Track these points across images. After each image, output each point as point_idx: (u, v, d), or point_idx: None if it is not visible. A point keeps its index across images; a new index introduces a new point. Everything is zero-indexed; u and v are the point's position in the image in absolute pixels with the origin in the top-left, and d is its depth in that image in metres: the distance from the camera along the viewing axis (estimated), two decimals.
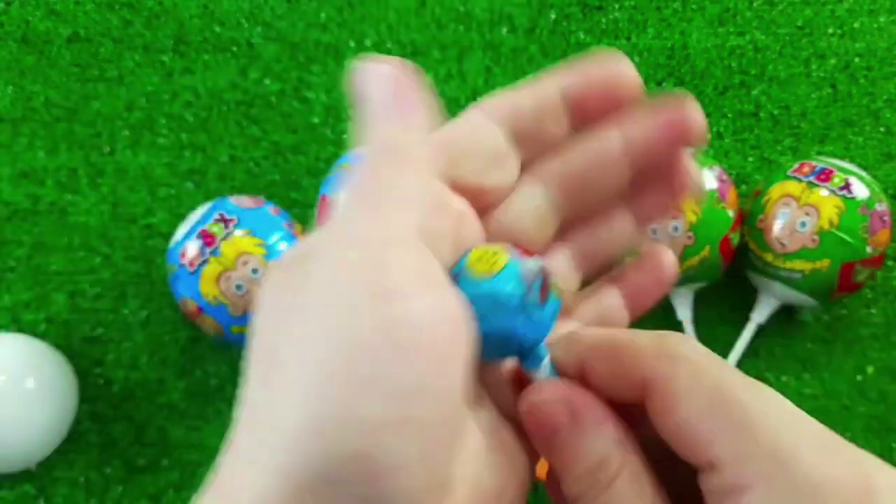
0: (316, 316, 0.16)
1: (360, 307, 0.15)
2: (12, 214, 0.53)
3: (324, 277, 0.16)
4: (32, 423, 0.45)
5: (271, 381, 0.16)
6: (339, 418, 0.15)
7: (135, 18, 0.58)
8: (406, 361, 0.15)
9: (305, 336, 0.15)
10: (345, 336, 0.15)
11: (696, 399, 0.17)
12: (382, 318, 0.15)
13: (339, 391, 0.15)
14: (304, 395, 0.15)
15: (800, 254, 0.46)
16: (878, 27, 0.59)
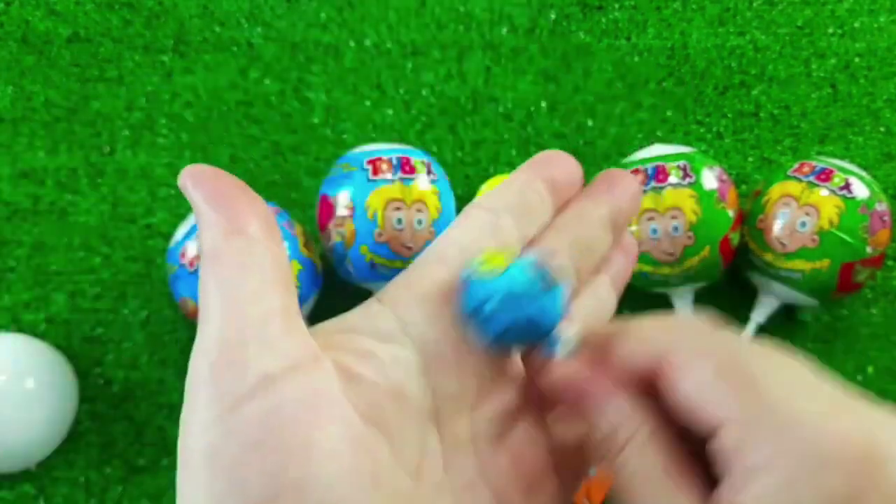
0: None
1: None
2: (12, 214, 0.53)
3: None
4: (32, 422, 0.45)
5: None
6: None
7: (135, 18, 0.58)
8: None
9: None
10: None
11: (704, 367, 0.18)
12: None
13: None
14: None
15: (800, 254, 0.46)
16: (878, 27, 0.59)
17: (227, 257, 0.18)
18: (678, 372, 0.18)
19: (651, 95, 0.57)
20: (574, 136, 0.56)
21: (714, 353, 0.18)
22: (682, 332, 0.19)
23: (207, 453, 0.16)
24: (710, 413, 0.17)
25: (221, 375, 0.17)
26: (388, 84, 0.57)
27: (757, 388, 0.17)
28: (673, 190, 0.45)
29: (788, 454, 0.16)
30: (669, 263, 0.46)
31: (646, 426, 0.19)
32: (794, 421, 0.16)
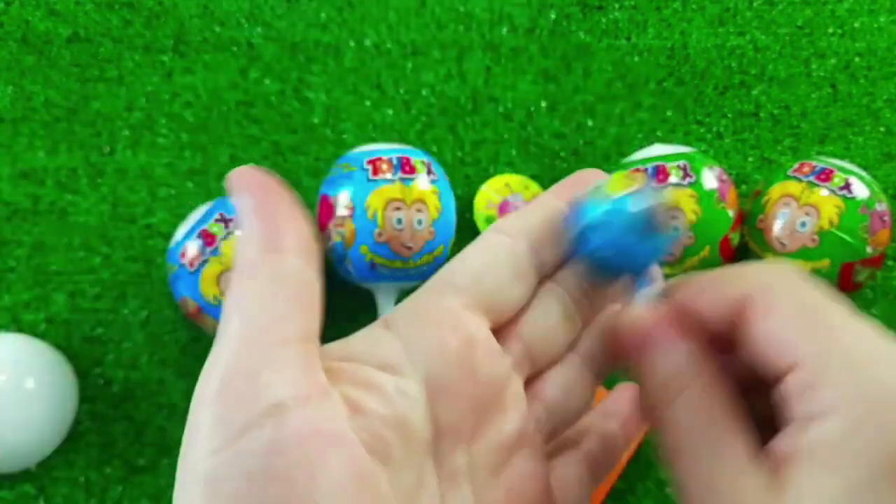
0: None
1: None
2: (12, 214, 0.53)
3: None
4: (32, 423, 0.45)
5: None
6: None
7: (135, 18, 0.58)
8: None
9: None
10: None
11: (787, 308, 0.18)
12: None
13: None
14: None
15: (800, 254, 0.46)
16: (878, 27, 0.59)
17: (261, 274, 0.18)
18: (761, 311, 0.18)
19: (651, 95, 0.57)
20: (574, 136, 0.56)
21: (797, 296, 0.18)
22: (768, 275, 0.19)
23: (208, 479, 0.16)
24: (785, 352, 0.18)
25: (231, 398, 0.17)
26: (388, 84, 0.57)
27: (834, 332, 0.17)
28: (673, 190, 0.45)
29: (857, 398, 0.16)
30: (669, 263, 0.46)
31: (701, 378, 0.19)
32: (867, 364, 0.17)
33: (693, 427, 0.19)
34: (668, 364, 0.19)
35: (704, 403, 0.19)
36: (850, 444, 0.16)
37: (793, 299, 0.18)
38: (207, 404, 0.17)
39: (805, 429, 0.17)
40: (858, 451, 0.16)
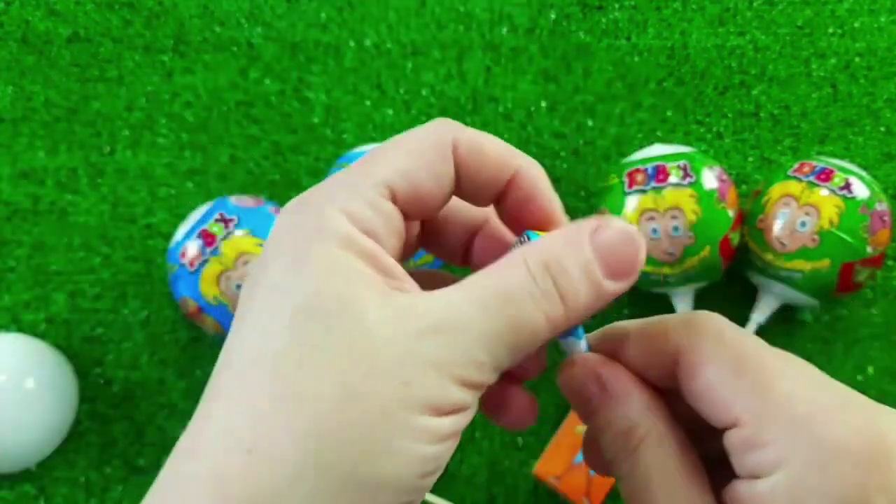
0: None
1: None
2: (12, 214, 0.53)
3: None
4: (32, 423, 0.45)
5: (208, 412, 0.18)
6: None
7: (135, 18, 0.58)
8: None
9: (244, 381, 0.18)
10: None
11: (720, 363, 0.18)
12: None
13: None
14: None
15: (800, 253, 0.46)
16: (878, 27, 0.59)
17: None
18: (692, 368, 0.19)
19: (651, 95, 0.57)
20: (574, 136, 0.56)
21: (730, 350, 0.19)
22: (699, 329, 0.20)
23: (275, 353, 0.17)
24: (723, 409, 0.18)
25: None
26: (388, 84, 0.57)
27: (771, 385, 0.18)
28: (673, 190, 0.45)
29: (801, 449, 0.17)
30: (670, 263, 0.46)
31: (660, 424, 0.20)
32: (806, 416, 0.17)
33: (653, 477, 0.19)
34: (627, 414, 0.20)
35: (662, 452, 0.19)
36: (800, 490, 0.17)
37: (723, 354, 0.19)
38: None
39: (752, 484, 0.17)
40: (803, 499, 0.17)
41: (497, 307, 0.18)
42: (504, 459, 0.49)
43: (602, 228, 0.19)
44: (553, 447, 0.46)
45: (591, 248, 0.19)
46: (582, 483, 0.45)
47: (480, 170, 0.20)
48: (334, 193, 0.19)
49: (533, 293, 0.18)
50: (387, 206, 0.19)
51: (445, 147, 0.20)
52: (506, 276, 0.18)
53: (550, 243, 0.19)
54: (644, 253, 0.19)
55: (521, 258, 0.18)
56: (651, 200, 0.46)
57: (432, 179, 0.20)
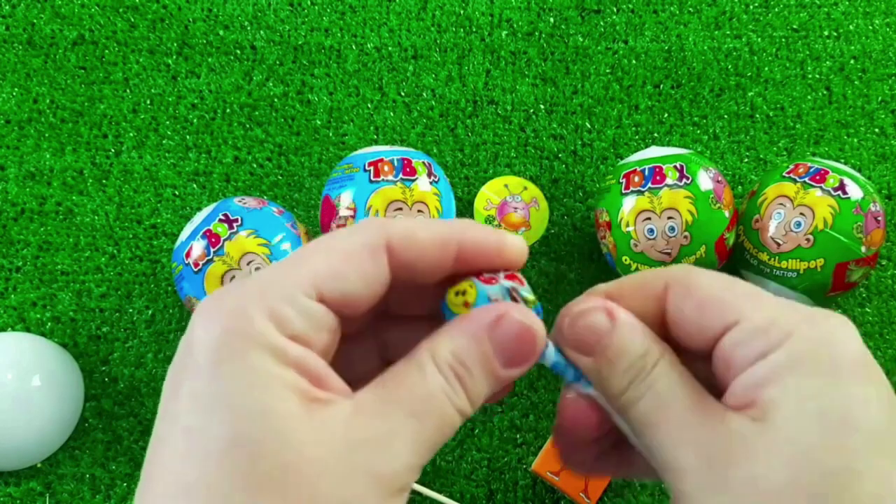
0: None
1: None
2: (19, 215, 0.54)
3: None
4: (39, 420, 0.46)
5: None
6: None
7: (140, 22, 0.59)
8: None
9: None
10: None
11: (712, 278, 0.21)
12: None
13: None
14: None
15: (795, 253, 0.46)
16: (872, 29, 0.60)
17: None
18: (691, 285, 0.21)
19: (648, 98, 0.58)
20: (572, 138, 0.57)
21: (710, 275, 0.21)
22: (681, 267, 0.22)
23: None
24: (726, 311, 0.20)
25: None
26: (389, 87, 0.58)
27: (760, 292, 0.20)
28: (669, 191, 0.46)
29: (804, 325, 0.19)
30: (666, 263, 0.47)
31: (669, 353, 0.21)
32: (800, 309, 0.19)
33: (674, 394, 0.20)
34: (641, 339, 0.21)
35: (678, 373, 0.21)
36: (816, 355, 0.18)
37: (711, 274, 0.21)
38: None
39: (757, 366, 0.19)
40: (822, 358, 0.18)
41: (423, 414, 0.19)
42: (503, 455, 0.49)
43: (501, 322, 0.20)
44: (551, 443, 0.47)
45: (490, 345, 0.20)
46: (580, 479, 0.46)
47: (421, 259, 0.20)
48: (258, 296, 0.18)
49: (449, 395, 0.19)
50: (313, 307, 0.19)
51: (377, 248, 0.20)
52: (425, 381, 0.19)
53: (454, 341, 0.20)
54: (542, 342, 0.20)
55: (432, 361, 0.19)
56: (648, 201, 0.46)
57: (361, 281, 0.20)
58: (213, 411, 0.17)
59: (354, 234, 0.20)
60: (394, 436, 0.18)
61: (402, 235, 0.20)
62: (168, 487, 0.17)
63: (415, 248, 0.20)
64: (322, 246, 0.20)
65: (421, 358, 0.19)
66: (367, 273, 0.20)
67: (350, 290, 0.19)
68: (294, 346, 0.18)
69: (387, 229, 0.20)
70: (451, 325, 0.20)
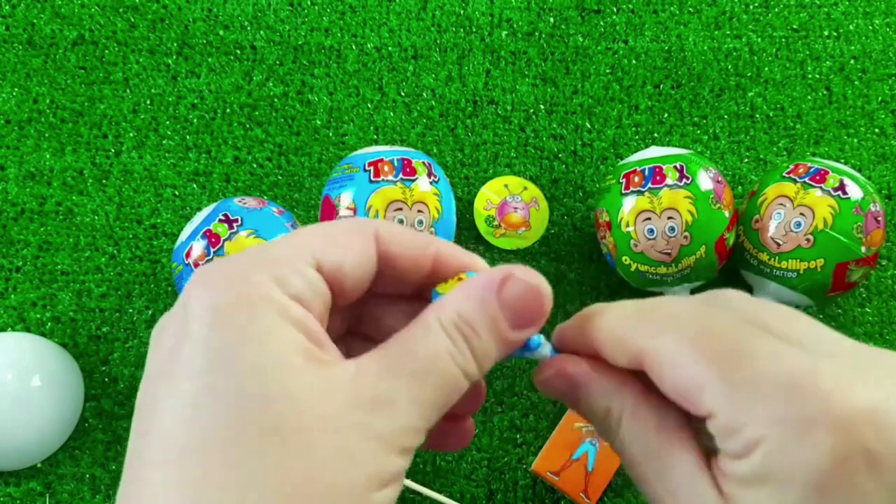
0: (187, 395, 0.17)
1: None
2: (19, 215, 0.54)
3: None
4: (39, 420, 0.46)
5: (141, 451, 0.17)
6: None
7: (140, 22, 0.59)
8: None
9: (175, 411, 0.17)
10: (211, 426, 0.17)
11: (682, 360, 0.19)
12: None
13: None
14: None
15: (795, 254, 0.46)
16: (872, 29, 0.60)
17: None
18: (660, 371, 0.19)
19: (648, 98, 0.58)
20: (572, 138, 0.57)
21: (690, 342, 0.19)
22: (657, 325, 0.20)
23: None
24: (697, 405, 0.19)
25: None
26: (389, 87, 0.58)
27: (736, 369, 0.18)
28: (669, 191, 0.46)
29: (774, 426, 0.17)
30: (666, 263, 0.47)
31: (632, 398, 0.21)
32: (775, 392, 0.17)
33: (635, 448, 0.20)
34: (599, 398, 0.21)
35: (638, 425, 0.20)
36: (781, 465, 0.17)
37: (683, 350, 0.19)
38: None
39: (736, 465, 0.18)
40: (784, 475, 0.17)
41: (426, 374, 0.19)
42: (503, 455, 0.49)
43: (509, 282, 0.20)
44: (552, 443, 0.47)
45: (498, 305, 0.20)
46: (580, 479, 0.46)
47: (401, 255, 0.21)
48: (259, 261, 0.19)
49: (454, 355, 0.19)
50: (313, 274, 0.19)
51: (368, 234, 0.21)
52: (428, 341, 0.19)
53: (460, 302, 0.20)
54: (549, 302, 0.20)
55: (438, 322, 0.19)
56: (648, 201, 0.46)
57: (353, 259, 0.20)
58: (220, 368, 0.17)
59: (346, 220, 0.21)
60: (396, 395, 0.18)
61: (387, 229, 0.21)
62: (170, 449, 0.17)
63: (398, 240, 0.21)
64: (317, 227, 0.21)
65: (426, 320, 0.19)
66: (358, 252, 0.20)
67: (344, 264, 0.20)
68: (297, 306, 0.18)
69: (377, 224, 0.21)
70: (457, 289, 0.20)
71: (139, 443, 0.18)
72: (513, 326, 0.20)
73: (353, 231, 0.21)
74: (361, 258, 0.20)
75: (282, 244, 0.20)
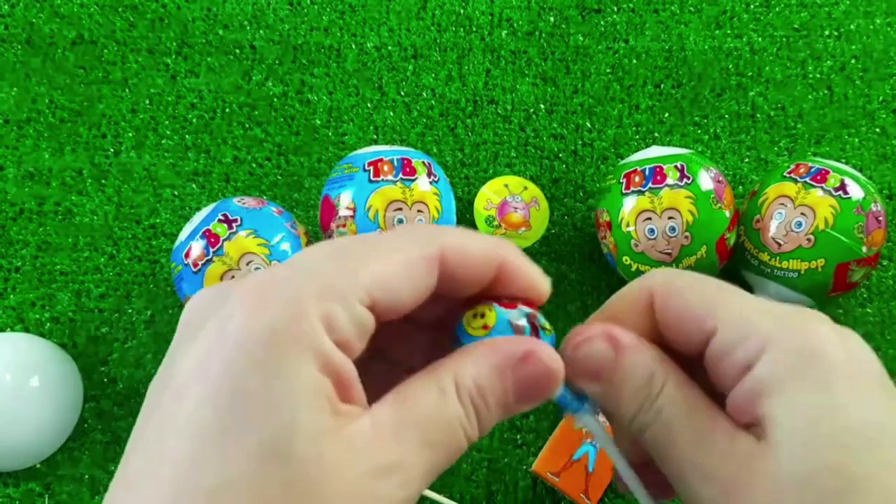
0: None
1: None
2: (18, 215, 0.54)
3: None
4: (38, 421, 0.46)
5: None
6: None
7: (139, 21, 0.59)
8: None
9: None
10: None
11: (690, 286, 0.21)
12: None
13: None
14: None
15: (795, 254, 0.46)
16: (873, 29, 0.60)
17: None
18: (671, 294, 0.21)
19: (648, 97, 0.58)
20: (572, 138, 0.57)
21: (694, 279, 0.21)
22: (664, 272, 0.22)
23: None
24: (704, 319, 0.20)
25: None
26: (389, 86, 0.58)
27: (733, 297, 0.20)
28: (670, 191, 0.46)
29: (778, 332, 0.19)
30: (667, 263, 0.47)
31: (675, 373, 0.21)
32: (773, 311, 0.20)
33: (683, 415, 0.20)
34: (645, 363, 0.21)
35: (685, 393, 0.21)
36: (783, 369, 0.18)
37: (690, 281, 0.21)
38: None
39: (744, 381, 0.19)
40: (809, 371, 0.18)
41: (439, 443, 0.19)
42: (503, 456, 0.49)
43: (529, 360, 0.20)
44: (552, 444, 0.47)
45: (513, 381, 0.20)
46: (580, 480, 0.46)
47: (467, 273, 0.20)
48: (316, 292, 0.17)
49: (464, 425, 0.19)
50: (363, 313, 0.18)
51: (433, 260, 0.19)
52: (443, 408, 0.19)
53: (480, 371, 0.19)
54: (559, 383, 0.20)
55: (454, 388, 0.19)
56: (648, 201, 0.46)
57: (413, 292, 0.19)
58: (245, 409, 0.16)
59: (412, 241, 0.19)
60: (409, 463, 0.18)
61: (456, 248, 0.20)
62: (170, 487, 0.16)
63: (466, 261, 0.20)
64: (381, 249, 0.19)
65: (443, 381, 0.19)
66: (420, 284, 0.19)
67: (401, 300, 0.19)
68: (338, 353, 0.18)
69: (442, 240, 0.20)
70: (476, 351, 0.20)
71: (134, 462, 0.17)
72: (517, 400, 0.20)
73: (416, 258, 0.19)
74: (420, 290, 0.19)
75: (341, 271, 0.18)
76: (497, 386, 0.19)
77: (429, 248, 0.19)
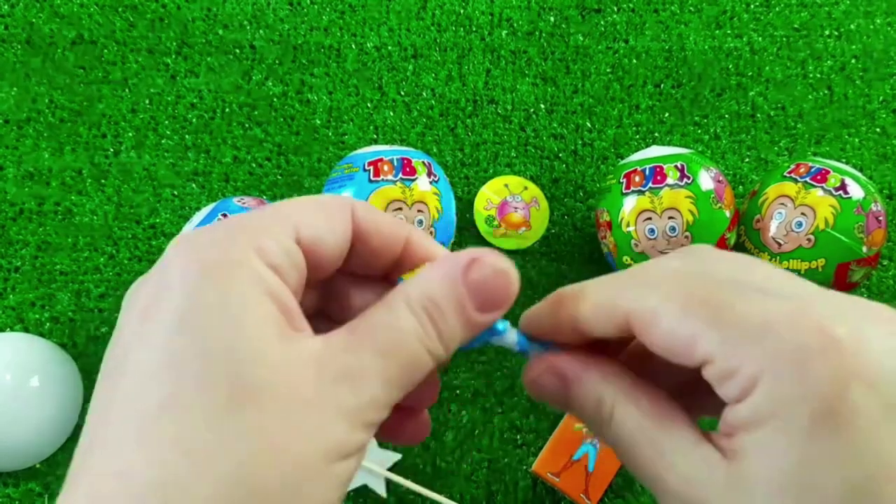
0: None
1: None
2: (18, 215, 0.54)
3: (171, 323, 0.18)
4: (38, 421, 0.46)
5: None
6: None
7: (139, 21, 0.59)
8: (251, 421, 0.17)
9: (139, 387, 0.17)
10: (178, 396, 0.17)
11: (669, 314, 0.19)
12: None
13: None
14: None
15: (796, 254, 0.46)
16: (874, 29, 0.60)
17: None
18: (648, 328, 0.19)
19: (649, 97, 0.58)
20: (572, 138, 0.57)
21: (675, 296, 0.19)
22: (642, 286, 0.20)
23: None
24: (690, 354, 0.19)
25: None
26: (389, 86, 0.58)
27: (722, 314, 0.18)
28: (670, 191, 0.46)
29: (769, 363, 0.17)
30: None
31: (623, 387, 0.21)
32: (763, 331, 0.18)
33: (634, 438, 0.20)
34: (590, 391, 0.21)
35: (633, 412, 0.20)
36: (780, 402, 0.17)
37: (669, 304, 0.19)
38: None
39: (737, 409, 0.18)
40: (786, 408, 0.17)
41: (393, 352, 0.19)
42: (503, 456, 0.49)
43: (476, 265, 0.20)
44: (552, 444, 0.47)
45: (465, 286, 0.20)
46: (580, 480, 0.46)
47: (376, 233, 0.22)
48: (240, 228, 0.19)
49: (420, 335, 0.19)
50: (292, 246, 0.19)
51: (346, 210, 0.21)
52: (395, 320, 0.19)
53: (428, 283, 0.20)
54: (516, 286, 0.20)
55: (405, 301, 0.20)
56: (648, 201, 0.46)
57: (333, 234, 0.20)
58: (196, 328, 0.17)
59: (325, 196, 0.22)
60: (362, 370, 0.18)
61: (366, 211, 0.22)
62: (140, 406, 0.17)
63: (374, 220, 0.22)
64: (297, 200, 0.21)
65: (393, 299, 0.20)
66: (335, 226, 0.21)
67: (322, 238, 0.20)
68: (273, 276, 0.19)
69: (352, 200, 0.22)
70: (424, 270, 0.20)
71: (105, 399, 0.18)
72: (478, 309, 0.20)
73: (331, 205, 0.21)
74: (338, 233, 0.21)
75: (263, 214, 0.20)
76: (449, 294, 0.20)
77: (340, 200, 0.21)
